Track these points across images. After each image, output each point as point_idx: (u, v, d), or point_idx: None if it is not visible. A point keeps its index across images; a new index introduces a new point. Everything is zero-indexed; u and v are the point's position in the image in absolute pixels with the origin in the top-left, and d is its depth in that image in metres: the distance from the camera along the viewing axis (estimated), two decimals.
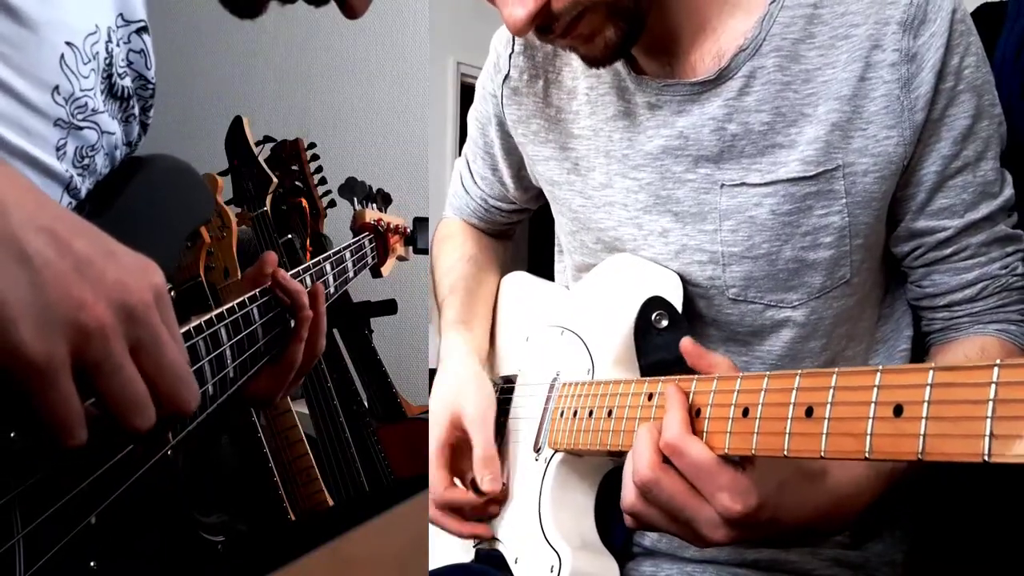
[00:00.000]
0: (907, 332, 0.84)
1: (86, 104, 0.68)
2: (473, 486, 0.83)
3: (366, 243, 1.42)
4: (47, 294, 0.42)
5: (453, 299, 0.98)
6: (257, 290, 0.81)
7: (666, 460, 0.61)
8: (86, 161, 0.71)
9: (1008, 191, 0.78)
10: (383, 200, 1.79)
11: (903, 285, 0.84)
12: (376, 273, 1.60)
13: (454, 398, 0.87)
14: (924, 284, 0.80)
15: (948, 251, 0.78)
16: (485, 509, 0.84)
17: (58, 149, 0.67)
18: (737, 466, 0.59)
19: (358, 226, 1.61)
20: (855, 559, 0.82)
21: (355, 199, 1.70)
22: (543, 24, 0.71)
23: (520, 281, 1.04)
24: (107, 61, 0.72)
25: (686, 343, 0.67)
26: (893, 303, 0.85)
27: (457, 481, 0.86)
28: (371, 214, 1.64)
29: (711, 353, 0.67)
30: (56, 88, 0.65)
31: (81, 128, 0.69)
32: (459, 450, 0.86)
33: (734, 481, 0.58)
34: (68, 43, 0.66)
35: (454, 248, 1.06)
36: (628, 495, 0.64)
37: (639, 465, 0.62)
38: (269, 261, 0.85)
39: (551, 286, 1.00)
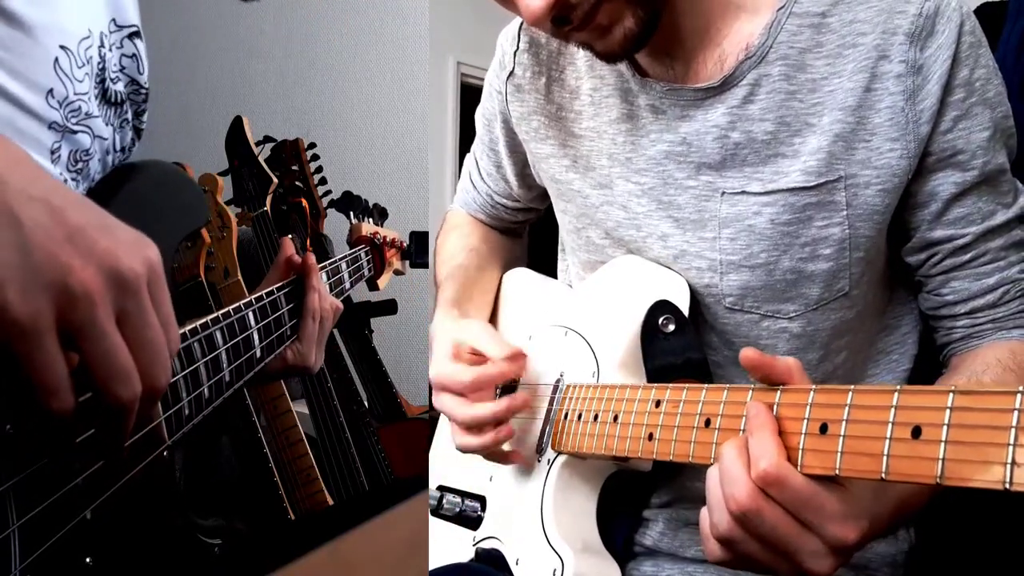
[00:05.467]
0: (912, 351, 0.84)
1: (80, 108, 0.68)
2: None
3: (362, 255, 1.42)
4: (35, 258, 0.43)
5: (450, 283, 0.97)
6: (253, 297, 0.82)
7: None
8: (80, 165, 0.70)
9: (1022, 199, 0.77)
10: (379, 214, 1.81)
11: (910, 300, 0.84)
12: (372, 286, 1.61)
13: (457, 338, 0.85)
14: (943, 292, 0.79)
15: (967, 256, 0.77)
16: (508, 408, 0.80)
17: (52, 152, 0.67)
18: (836, 489, 0.54)
19: (354, 239, 1.62)
20: (855, 559, 0.81)
21: (352, 212, 1.71)
22: (560, 15, 0.68)
23: (522, 278, 1.03)
24: (100, 66, 0.72)
25: (750, 353, 0.59)
26: (901, 316, 0.84)
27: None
28: (367, 227, 1.65)
29: (778, 357, 0.59)
30: (50, 91, 0.65)
31: (75, 132, 0.68)
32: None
33: (844, 508, 0.53)
34: (62, 46, 0.65)
35: (458, 238, 1.06)
36: (723, 523, 0.56)
37: (737, 492, 0.55)
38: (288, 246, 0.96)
39: (554, 284, 1.00)
